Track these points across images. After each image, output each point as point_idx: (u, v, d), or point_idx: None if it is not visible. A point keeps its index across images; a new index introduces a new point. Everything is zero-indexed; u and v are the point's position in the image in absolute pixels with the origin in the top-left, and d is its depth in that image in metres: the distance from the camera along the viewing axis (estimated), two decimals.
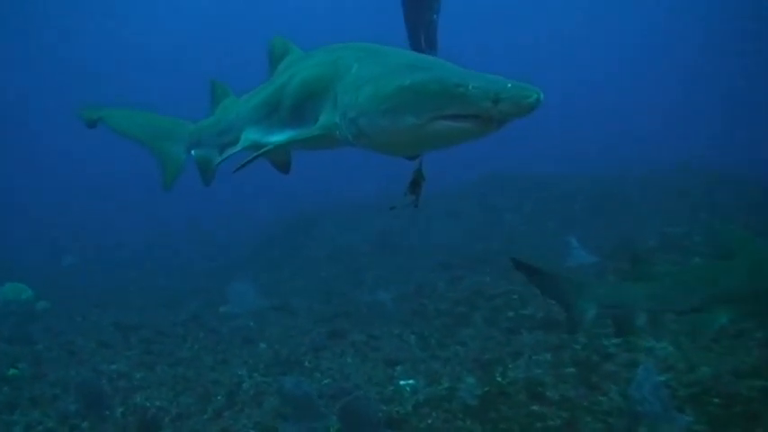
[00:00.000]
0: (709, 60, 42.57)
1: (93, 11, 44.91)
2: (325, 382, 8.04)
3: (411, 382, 7.71)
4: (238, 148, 5.23)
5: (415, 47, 11.02)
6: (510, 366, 7.45)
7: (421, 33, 11.32)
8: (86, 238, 20.72)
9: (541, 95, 3.25)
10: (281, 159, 5.57)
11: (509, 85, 3.26)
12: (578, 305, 6.23)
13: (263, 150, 4.57)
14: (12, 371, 8.90)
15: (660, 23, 46.46)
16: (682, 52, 44.36)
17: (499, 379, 7.16)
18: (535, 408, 6.37)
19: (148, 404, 7.86)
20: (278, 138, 4.64)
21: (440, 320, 9.59)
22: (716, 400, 5.62)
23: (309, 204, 19.21)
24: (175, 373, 8.84)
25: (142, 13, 48.04)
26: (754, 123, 32.51)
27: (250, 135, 5.12)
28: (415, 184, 4.10)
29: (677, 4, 43.60)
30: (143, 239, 20.77)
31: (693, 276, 5.88)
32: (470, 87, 3.31)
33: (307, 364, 8.65)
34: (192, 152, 6.21)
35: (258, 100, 5.17)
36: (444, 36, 10.96)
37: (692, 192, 14.73)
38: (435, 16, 11.21)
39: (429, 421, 6.54)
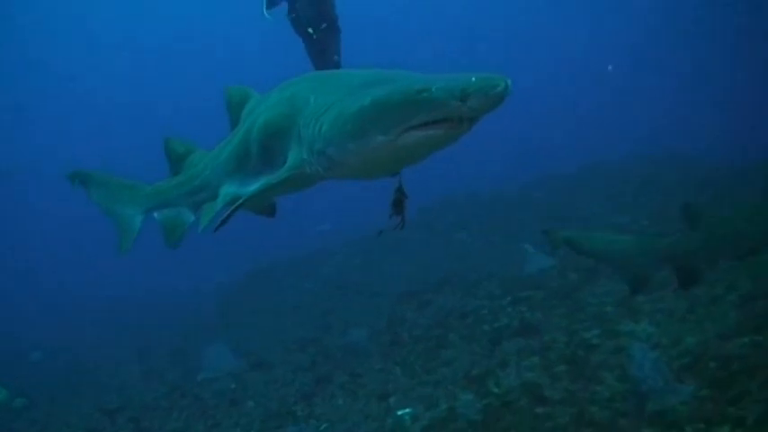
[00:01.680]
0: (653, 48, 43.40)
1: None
2: (324, 426, 8.06)
3: (408, 410, 7.74)
4: (219, 205, 4.96)
5: None
6: (501, 376, 7.51)
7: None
8: (48, 326, 20.05)
9: (509, 82, 3.13)
10: (262, 206, 5.32)
11: (473, 79, 3.13)
12: (640, 263, 6.14)
13: (236, 205, 4.33)
14: None
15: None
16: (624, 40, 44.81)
17: (495, 390, 7.24)
18: (539, 410, 6.43)
19: None
20: (252, 188, 4.42)
21: (419, 346, 9.62)
22: (712, 365, 5.81)
23: (259, 259, 19.12)
24: None
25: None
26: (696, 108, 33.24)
27: (228, 189, 4.92)
28: (398, 204, 4.03)
29: None
30: (101, 316, 20.17)
31: (747, 220, 5.83)
32: (434, 90, 3.17)
33: (299, 413, 8.64)
34: (156, 215, 5.96)
35: (227, 152, 4.98)
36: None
37: (630, 179, 15.25)
38: (337, 57, 11.43)
39: None
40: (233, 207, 4.32)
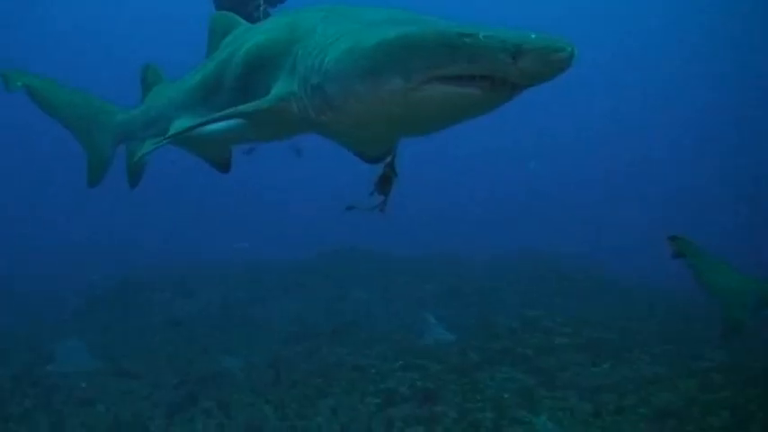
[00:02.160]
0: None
1: None
2: None
3: None
4: (164, 138, 4.23)
5: None
6: None
7: None
8: None
9: (575, 50, 2.57)
10: (218, 154, 4.69)
11: (533, 36, 2.55)
12: (746, 302, 5.80)
13: (187, 127, 3.76)
14: None
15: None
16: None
17: None
18: None
19: None
20: (211, 116, 3.70)
21: (296, 390, 8.89)
22: None
23: (141, 266, 17.78)
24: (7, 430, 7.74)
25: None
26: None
27: (183, 123, 4.22)
28: (385, 181, 3.47)
29: None
30: None
31: None
32: (481, 36, 2.56)
33: (153, 429, 7.79)
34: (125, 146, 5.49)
35: (195, 81, 4.35)
36: None
37: (547, 276, 15.02)
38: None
39: None
40: (181, 130, 3.75)
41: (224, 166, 4.78)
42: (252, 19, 9.99)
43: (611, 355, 8.88)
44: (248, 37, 3.86)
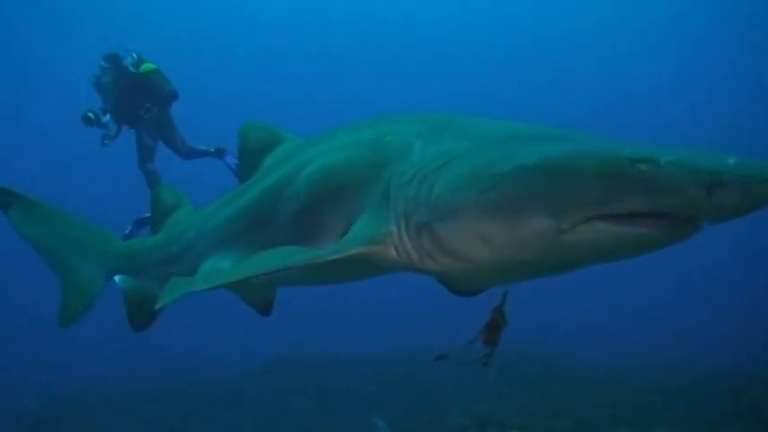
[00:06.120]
0: None
1: None
2: None
3: None
4: (198, 283, 3.27)
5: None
6: None
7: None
8: None
9: None
10: (261, 296, 3.89)
11: (731, 161, 1.97)
12: None
13: (250, 275, 2.75)
14: None
15: None
16: None
17: None
18: None
19: None
20: (276, 262, 2.71)
21: None
22: None
23: (69, 389, 16.48)
24: None
25: None
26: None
27: (218, 263, 3.44)
28: (494, 330, 2.68)
29: None
30: None
31: None
32: (664, 164, 1.97)
33: None
34: (117, 278, 4.53)
35: (234, 209, 3.59)
36: None
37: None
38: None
39: None
40: (235, 279, 2.83)
41: (266, 309, 4.00)
42: (142, 121, 10.16)
43: None
44: (310, 156, 3.14)
